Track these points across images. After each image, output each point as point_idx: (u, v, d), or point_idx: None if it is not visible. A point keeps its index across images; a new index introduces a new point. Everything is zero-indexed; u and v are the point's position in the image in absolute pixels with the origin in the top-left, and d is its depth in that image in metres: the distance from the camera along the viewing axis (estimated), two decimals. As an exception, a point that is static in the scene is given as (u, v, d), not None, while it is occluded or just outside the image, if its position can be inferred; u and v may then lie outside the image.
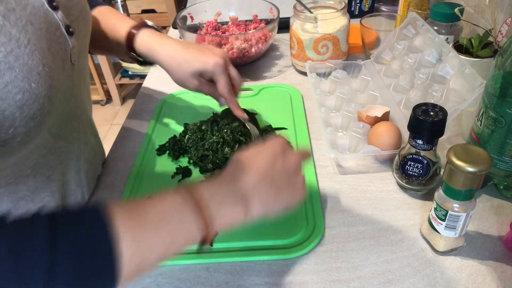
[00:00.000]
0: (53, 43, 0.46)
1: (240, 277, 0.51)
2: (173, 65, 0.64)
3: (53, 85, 0.45)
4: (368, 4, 1.12)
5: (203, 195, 0.41)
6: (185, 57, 0.64)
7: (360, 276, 0.50)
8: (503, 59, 0.50)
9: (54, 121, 0.50)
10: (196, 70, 0.63)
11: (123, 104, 2.58)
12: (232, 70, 0.66)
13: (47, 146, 0.51)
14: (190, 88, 0.67)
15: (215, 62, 0.63)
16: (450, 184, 0.46)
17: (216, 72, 0.63)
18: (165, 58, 0.64)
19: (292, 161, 0.47)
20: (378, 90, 0.76)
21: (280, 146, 0.47)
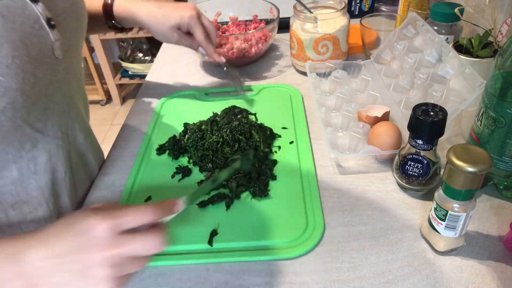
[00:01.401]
0: (28, 36, 0.46)
1: (240, 277, 0.51)
2: (153, 21, 0.72)
3: (26, 78, 0.45)
4: (368, 4, 1.12)
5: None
6: (162, 13, 0.72)
7: (360, 276, 0.50)
8: (503, 59, 0.50)
9: (36, 116, 0.49)
10: (174, 23, 0.72)
11: (123, 104, 2.58)
12: (205, 20, 0.75)
13: (30, 141, 0.51)
14: (171, 41, 0.75)
15: (190, 14, 0.72)
16: (450, 184, 0.46)
17: (192, 23, 0.72)
18: (145, 16, 0.72)
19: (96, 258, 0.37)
20: (378, 90, 0.76)
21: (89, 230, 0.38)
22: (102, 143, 0.80)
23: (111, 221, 0.38)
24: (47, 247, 0.39)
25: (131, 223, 0.39)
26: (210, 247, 0.54)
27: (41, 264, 0.38)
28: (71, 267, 0.38)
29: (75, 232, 0.38)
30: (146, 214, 0.40)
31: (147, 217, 0.40)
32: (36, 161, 0.53)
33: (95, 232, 0.37)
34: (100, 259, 0.37)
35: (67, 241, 0.38)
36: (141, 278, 0.52)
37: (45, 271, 0.38)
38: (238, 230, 0.56)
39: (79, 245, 0.38)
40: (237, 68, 0.79)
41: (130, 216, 0.39)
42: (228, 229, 0.56)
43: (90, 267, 0.37)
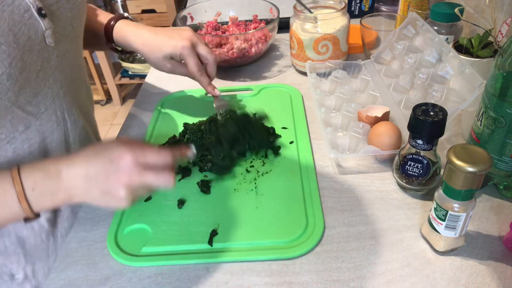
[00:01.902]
0: (17, 24, 0.48)
1: (240, 277, 0.51)
2: (146, 51, 0.71)
3: (14, 63, 0.48)
4: (368, 4, 1.12)
5: (25, 185, 0.47)
6: (154, 43, 0.70)
7: (360, 276, 0.50)
8: (503, 59, 0.50)
9: (27, 99, 0.53)
10: (166, 54, 0.70)
11: (123, 104, 2.58)
12: (201, 49, 0.72)
13: (23, 122, 0.54)
14: (165, 71, 0.73)
15: (182, 45, 0.69)
16: (450, 184, 0.46)
17: (184, 54, 0.70)
18: (138, 45, 0.72)
19: (120, 182, 0.47)
20: (378, 90, 0.76)
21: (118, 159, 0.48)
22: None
23: (136, 154, 0.47)
24: (82, 168, 0.48)
25: (151, 159, 0.48)
26: (210, 247, 0.54)
27: (77, 181, 0.47)
28: (100, 187, 0.47)
29: (106, 159, 0.47)
30: (165, 154, 0.49)
31: (165, 157, 0.49)
32: (31, 142, 0.56)
33: (122, 161, 0.47)
34: (124, 183, 0.47)
35: (99, 165, 0.47)
36: (141, 278, 0.52)
37: (80, 187, 0.48)
38: (238, 230, 0.56)
39: (108, 170, 0.47)
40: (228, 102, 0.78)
41: (152, 153, 0.49)
42: (228, 229, 0.56)
43: (115, 188, 0.47)
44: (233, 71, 0.95)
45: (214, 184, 0.64)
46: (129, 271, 0.53)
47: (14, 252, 0.61)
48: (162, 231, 0.57)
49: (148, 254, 0.54)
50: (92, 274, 0.53)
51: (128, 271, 0.53)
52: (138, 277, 0.52)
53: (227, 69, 0.95)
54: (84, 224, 0.60)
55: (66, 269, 0.54)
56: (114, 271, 0.53)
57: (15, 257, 0.61)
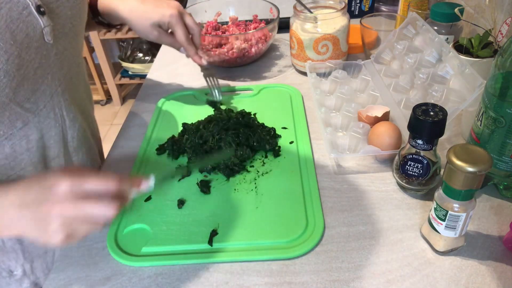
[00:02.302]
0: (15, 21, 0.48)
1: (240, 277, 0.51)
2: (133, 18, 0.71)
3: (11, 60, 0.48)
4: (368, 4, 1.12)
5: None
6: (142, 10, 0.71)
7: (360, 276, 0.50)
8: (503, 59, 0.50)
9: (25, 96, 0.53)
10: (154, 21, 0.71)
11: (123, 104, 2.58)
12: (188, 19, 0.73)
13: (21, 119, 0.54)
14: (151, 39, 0.73)
15: (171, 13, 0.70)
16: (450, 184, 0.46)
17: (172, 22, 0.71)
18: (125, 12, 0.72)
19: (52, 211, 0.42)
20: (378, 90, 0.76)
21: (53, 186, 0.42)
22: (102, 143, 0.81)
23: (73, 181, 0.42)
24: (17, 197, 0.43)
25: (92, 185, 0.42)
26: (210, 247, 0.54)
27: (10, 211, 0.43)
28: (32, 217, 0.42)
29: (41, 186, 0.43)
30: (109, 181, 0.43)
31: (109, 183, 0.43)
32: (28, 138, 0.56)
33: (57, 188, 0.42)
34: (56, 214, 0.41)
35: (34, 193, 0.43)
36: (141, 278, 0.52)
37: (13, 217, 0.43)
38: (238, 230, 0.56)
39: (42, 198, 0.42)
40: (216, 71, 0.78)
41: (93, 179, 0.43)
42: (228, 229, 0.56)
43: (47, 219, 0.42)
44: (233, 71, 0.95)
45: (214, 184, 0.64)
46: (129, 271, 0.53)
47: (12, 248, 0.61)
48: (162, 231, 0.57)
49: (148, 254, 0.54)
50: (92, 274, 0.53)
51: (128, 271, 0.53)
52: (138, 277, 0.52)
53: (227, 69, 0.95)
54: (84, 224, 0.60)
55: (66, 269, 0.54)
56: (114, 271, 0.53)
57: (13, 254, 0.61)
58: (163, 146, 0.71)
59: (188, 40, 0.74)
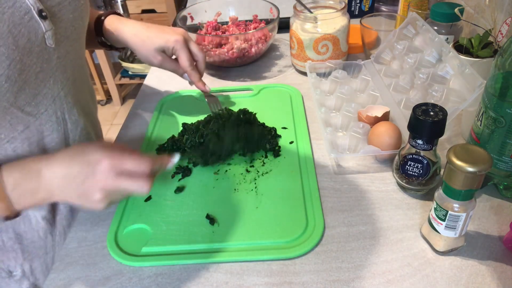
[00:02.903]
0: (17, 26, 0.48)
1: (240, 277, 0.51)
2: (137, 42, 0.71)
3: (12, 65, 0.48)
4: (368, 4, 1.12)
5: (5, 185, 0.47)
6: (147, 35, 0.71)
7: (360, 276, 0.50)
8: (503, 59, 0.50)
9: (26, 100, 0.53)
10: (158, 46, 0.71)
11: (123, 104, 2.58)
12: (193, 46, 0.73)
13: (23, 123, 0.54)
14: (154, 64, 0.73)
15: (175, 39, 0.70)
16: (450, 184, 0.46)
17: (177, 47, 0.71)
18: (129, 36, 0.72)
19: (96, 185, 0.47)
20: (378, 90, 0.76)
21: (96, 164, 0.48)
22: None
23: (113, 160, 0.48)
24: (61, 168, 0.48)
25: (129, 165, 0.48)
26: (210, 247, 0.54)
27: (55, 181, 0.48)
28: (77, 188, 0.48)
29: (85, 161, 0.48)
30: (143, 162, 0.49)
31: (143, 164, 0.49)
32: (30, 141, 0.56)
33: (99, 166, 0.47)
34: (99, 187, 0.47)
35: (77, 167, 0.48)
36: (141, 278, 0.52)
37: (58, 187, 0.48)
38: (238, 230, 0.56)
39: (86, 173, 0.47)
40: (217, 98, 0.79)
41: (130, 160, 0.48)
42: (228, 229, 0.56)
43: (90, 191, 0.47)
44: (233, 71, 0.95)
45: (214, 184, 0.64)
46: (129, 271, 0.53)
47: (12, 248, 0.61)
48: (162, 231, 0.57)
49: (148, 254, 0.54)
50: (92, 274, 0.53)
51: (128, 271, 0.53)
52: (138, 277, 0.52)
53: (227, 69, 0.95)
54: (84, 224, 0.60)
55: (66, 269, 0.54)
56: (114, 271, 0.53)
57: (12, 254, 0.61)
58: (163, 146, 0.71)
59: (192, 66, 0.73)
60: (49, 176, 0.48)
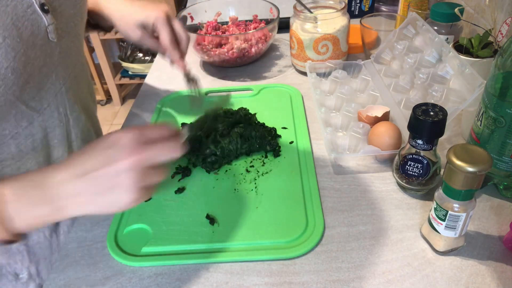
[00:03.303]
0: (21, 19, 0.48)
1: (240, 277, 0.51)
2: (117, 16, 0.70)
3: (18, 58, 0.48)
4: (368, 4, 1.12)
5: (3, 197, 0.41)
6: (128, 9, 0.69)
7: (360, 276, 0.50)
8: (503, 59, 0.50)
9: (30, 95, 0.53)
10: (138, 21, 0.68)
11: (123, 104, 2.58)
12: (176, 25, 0.70)
13: (26, 118, 0.54)
14: (134, 39, 0.70)
15: (157, 14, 0.67)
16: (450, 184, 0.46)
17: (157, 23, 0.67)
18: (111, 11, 0.70)
19: (122, 164, 0.40)
20: (378, 90, 0.76)
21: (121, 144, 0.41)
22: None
23: (133, 133, 0.41)
24: (76, 167, 0.41)
25: (151, 133, 0.43)
26: (210, 247, 0.54)
27: (69, 184, 0.41)
28: (99, 181, 0.40)
29: (102, 147, 0.41)
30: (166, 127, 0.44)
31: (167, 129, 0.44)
32: (34, 137, 0.56)
33: (121, 142, 0.41)
34: (127, 165, 0.40)
35: (94, 157, 0.41)
36: (141, 278, 0.52)
37: (73, 191, 0.41)
38: (238, 230, 0.56)
39: (107, 157, 0.40)
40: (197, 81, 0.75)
41: (151, 129, 0.43)
42: (228, 229, 0.56)
43: (118, 175, 0.40)
44: (233, 71, 0.95)
45: (214, 184, 0.64)
46: (129, 271, 0.53)
47: (18, 250, 0.61)
48: (162, 231, 0.57)
49: (148, 254, 0.54)
50: (92, 274, 0.53)
51: (128, 271, 0.53)
52: (138, 277, 0.52)
53: (227, 69, 0.95)
54: (84, 224, 0.60)
55: (66, 269, 0.54)
56: (114, 271, 0.53)
57: (19, 256, 0.61)
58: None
59: (173, 45, 0.69)
60: (59, 179, 0.41)
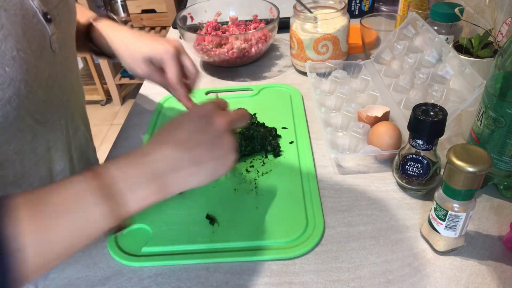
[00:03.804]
0: (29, 29, 0.47)
1: (240, 277, 0.51)
2: (123, 48, 0.64)
3: (29, 70, 0.46)
4: (368, 4, 1.12)
5: (109, 178, 0.38)
6: (135, 42, 0.64)
7: (360, 276, 0.50)
8: (503, 59, 0.50)
9: (36, 107, 0.51)
10: (145, 55, 0.62)
11: (123, 104, 2.58)
12: (186, 59, 0.64)
13: (31, 132, 0.52)
14: (139, 74, 0.65)
15: (165, 49, 0.61)
16: (450, 184, 0.46)
17: (165, 58, 0.62)
18: (117, 44, 0.65)
19: (217, 126, 0.43)
20: (378, 90, 0.76)
21: (204, 111, 0.44)
22: (102, 143, 0.81)
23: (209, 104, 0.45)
24: (172, 141, 0.41)
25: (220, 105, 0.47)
26: (210, 247, 0.54)
27: (172, 159, 0.40)
28: (202, 148, 0.41)
29: (189, 119, 0.43)
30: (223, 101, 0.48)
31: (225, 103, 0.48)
32: (36, 152, 0.54)
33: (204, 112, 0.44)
34: (224, 127, 0.43)
35: (186, 129, 0.42)
36: (141, 278, 0.52)
37: (177, 165, 0.41)
38: (238, 230, 0.56)
39: (200, 125, 0.42)
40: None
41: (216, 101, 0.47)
42: (228, 229, 0.56)
43: (218, 138, 0.42)
44: (233, 71, 0.95)
45: (214, 184, 0.64)
46: (129, 271, 0.53)
47: None
48: (162, 231, 0.57)
49: (148, 254, 0.54)
50: (92, 274, 0.53)
51: (128, 271, 0.53)
52: (138, 277, 0.52)
53: (227, 69, 0.95)
54: (84, 224, 0.60)
55: (66, 269, 0.54)
56: (114, 271, 0.53)
57: None
58: None
59: (180, 82, 0.63)
60: (157, 159, 0.40)
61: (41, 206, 0.35)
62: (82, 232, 0.37)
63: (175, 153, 0.41)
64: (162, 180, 0.40)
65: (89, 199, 0.37)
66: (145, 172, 0.40)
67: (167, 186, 0.41)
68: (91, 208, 0.37)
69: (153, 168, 0.40)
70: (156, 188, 0.40)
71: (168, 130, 0.43)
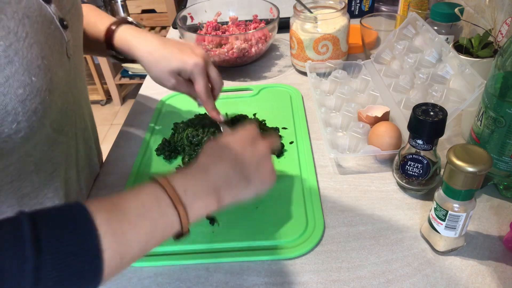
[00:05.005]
0: (49, 37, 0.46)
1: (240, 277, 0.51)
2: (151, 61, 0.62)
3: (52, 78, 0.45)
4: (368, 4, 1.12)
5: (178, 187, 0.41)
6: (163, 54, 0.62)
7: (360, 276, 0.50)
8: (503, 59, 0.50)
9: (55, 116, 0.50)
10: (174, 68, 0.61)
11: (123, 104, 2.58)
12: (212, 71, 0.64)
13: (49, 141, 0.51)
14: (167, 86, 0.64)
15: (195, 62, 0.61)
16: (450, 184, 0.46)
17: (195, 72, 0.61)
18: (143, 53, 0.63)
19: (261, 149, 0.48)
20: (378, 90, 0.76)
21: (249, 135, 0.49)
22: (102, 143, 0.80)
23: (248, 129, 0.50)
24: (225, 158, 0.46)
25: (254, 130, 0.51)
26: (210, 247, 0.54)
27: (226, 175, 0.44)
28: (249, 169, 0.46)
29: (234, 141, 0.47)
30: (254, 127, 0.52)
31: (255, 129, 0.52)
32: (53, 161, 0.53)
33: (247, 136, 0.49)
34: (265, 150, 0.48)
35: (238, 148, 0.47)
36: (141, 278, 0.52)
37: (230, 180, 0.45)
38: (238, 230, 0.56)
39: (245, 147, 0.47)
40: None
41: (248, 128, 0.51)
42: (228, 229, 0.56)
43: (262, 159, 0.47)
44: (233, 71, 0.95)
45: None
46: (129, 271, 0.53)
47: None
48: (162, 231, 0.57)
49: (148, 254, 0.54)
50: (92, 274, 0.53)
51: (128, 271, 0.53)
52: (138, 277, 0.52)
53: (227, 69, 0.95)
54: (84, 224, 0.60)
55: (66, 269, 0.54)
56: (114, 271, 0.53)
57: None
58: (159, 148, 0.71)
59: (208, 93, 0.64)
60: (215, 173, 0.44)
61: (116, 212, 0.37)
62: (153, 236, 0.39)
63: (229, 170, 0.45)
64: (218, 194, 0.44)
65: (162, 206, 0.39)
66: (207, 185, 0.43)
67: (221, 199, 0.44)
68: (163, 214, 0.39)
69: (212, 182, 0.44)
70: (212, 201, 0.43)
71: (219, 148, 0.47)
